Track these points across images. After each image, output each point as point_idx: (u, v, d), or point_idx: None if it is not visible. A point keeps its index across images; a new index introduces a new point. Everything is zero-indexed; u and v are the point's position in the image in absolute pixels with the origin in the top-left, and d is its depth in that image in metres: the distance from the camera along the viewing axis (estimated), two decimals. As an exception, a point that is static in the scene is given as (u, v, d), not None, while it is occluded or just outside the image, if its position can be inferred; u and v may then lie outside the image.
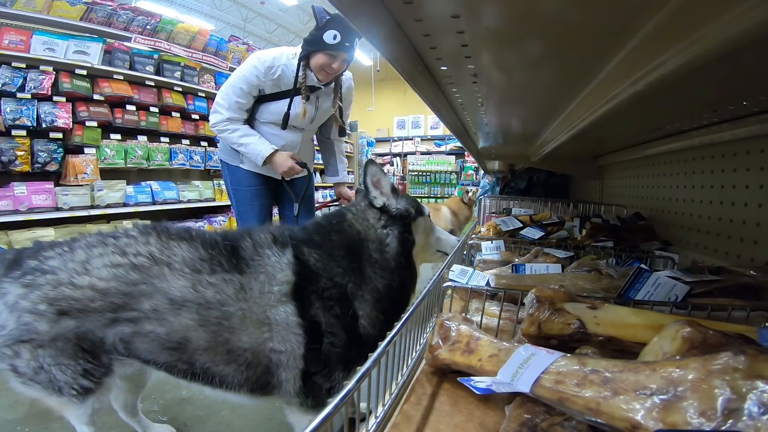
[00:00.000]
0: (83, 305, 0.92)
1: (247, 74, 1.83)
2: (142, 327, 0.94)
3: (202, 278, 0.96)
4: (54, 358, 0.93)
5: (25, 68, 3.10)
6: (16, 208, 2.96)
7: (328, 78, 1.89)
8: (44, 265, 0.94)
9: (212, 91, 4.54)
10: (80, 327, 0.93)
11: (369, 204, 1.13)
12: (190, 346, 0.96)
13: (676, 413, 0.37)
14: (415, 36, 0.67)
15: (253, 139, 1.90)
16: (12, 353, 0.92)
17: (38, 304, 0.91)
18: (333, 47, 1.76)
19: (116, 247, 0.97)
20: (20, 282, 0.92)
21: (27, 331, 0.91)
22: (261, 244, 1.03)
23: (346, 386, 0.47)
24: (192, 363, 0.97)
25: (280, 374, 0.99)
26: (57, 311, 0.92)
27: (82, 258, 0.95)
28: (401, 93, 11.82)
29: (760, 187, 1.09)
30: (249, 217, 2.08)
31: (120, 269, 0.94)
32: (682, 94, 0.90)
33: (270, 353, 0.97)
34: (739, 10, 0.44)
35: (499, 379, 0.52)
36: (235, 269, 0.98)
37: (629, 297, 0.79)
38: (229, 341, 0.96)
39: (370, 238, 1.08)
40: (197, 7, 9.75)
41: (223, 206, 4.65)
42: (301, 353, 0.97)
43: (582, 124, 1.09)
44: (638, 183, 1.97)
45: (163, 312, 0.94)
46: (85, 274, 0.93)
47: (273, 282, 0.98)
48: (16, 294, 0.91)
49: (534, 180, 3.24)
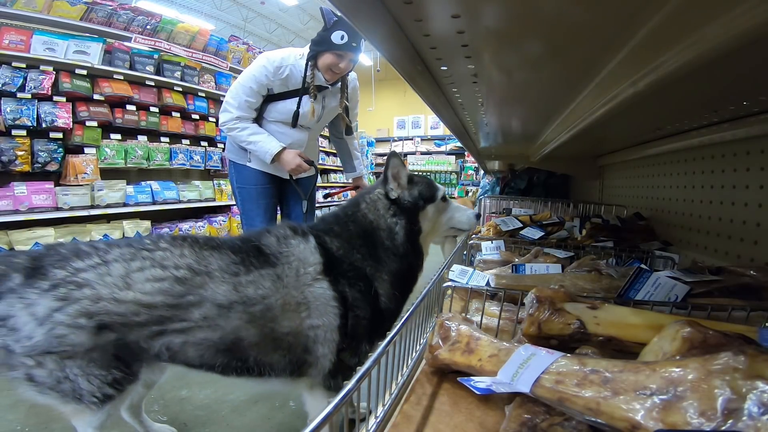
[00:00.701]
0: (127, 319, 0.93)
1: (256, 74, 1.87)
2: (193, 335, 0.98)
3: (241, 279, 1.01)
4: (84, 368, 0.93)
5: (25, 68, 3.10)
6: (16, 208, 2.96)
7: (335, 78, 1.93)
8: (77, 278, 0.92)
9: (212, 91, 4.54)
10: (121, 339, 0.94)
11: (384, 194, 1.19)
12: (242, 344, 1.01)
13: (676, 413, 0.37)
14: (415, 36, 0.67)
15: (261, 137, 1.94)
16: (34, 363, 0.90)
17: (77, 318, 0.90)
18: (341, 47, 1.80)
19: (154, 260, 0.98)
20: (53, 294, 0.90)
21: (60, 343, 0.90)
22: (285, 237, 1.11)
23: (346, 386, 0.47)
24: (245, 359, 1.03)
25: (317, 350, 1.06)
26: (97, 325, 0.91)
27: (120, 272, 0.95)
28: (401, 93, 11.83)
29: (760, 188, 1.09)
30: (254, 215, 2.10)
31: (164, 283, 0.96)
32: (682, 94, 0.90)
33: (308, 330, 1.04)
34: (739, 10, 0.44)
35: (499, 379, 0.52)
36: (267, 264, 1.05)
37: (629, 297, 0.79)
38: (274, 330, 1.02)
39: (381, 227, 1.16)
40: (197, 7, 9.75)
41: (223, 206, 4.65)
42: (337, 324, 1.05)
43: (582, 124, 1.09)
44: (638, 183, 1.97)
45: (214, 318, 0.98)
46: (127, 288, 0.94)
47: (306, 264, 1.06)
48: (49, 306, 0.89)
49: (534, 180, 3.24)
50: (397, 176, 1.18)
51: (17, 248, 2.98)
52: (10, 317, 0.89)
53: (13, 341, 0.89)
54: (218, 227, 4.50)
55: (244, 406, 1.68)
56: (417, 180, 1.23)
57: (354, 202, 1.22)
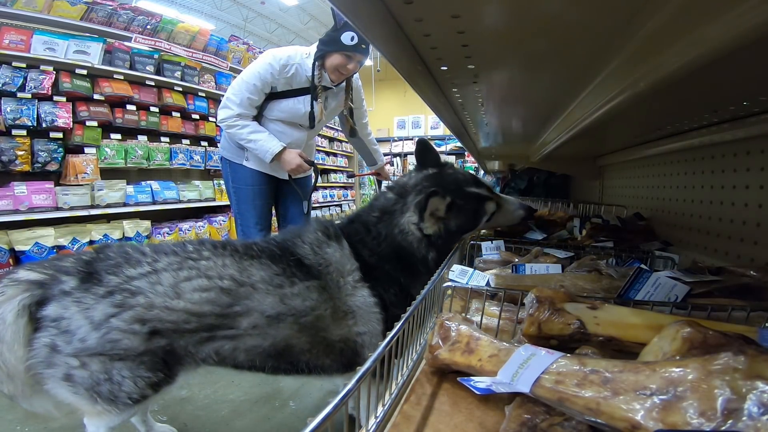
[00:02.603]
0: (178, 326, 0.97)
1: (262, 71, 1.84)
2: (243, 342, 1.01)
3: (286, 291, 1.04)
4: (131, 370, 0.96)
5: (25, 68, 3.10)
6: (17, 208, 2.96)
7: (341, 78, 1.92)
8: (131, 286, 0.95)
9: (212, 90, 4.54)
10: (171, 344, 0.97)
11: (416, 227, 1.12)
12: (293, 350, 1.04)
13: (676, 413, 0.37)
14: (416, 36, 0.67)
15: (262, 136, 1.91)
16: (78, 364, 0.93)
17: (132, 324, 0.93)
18: (350, 48, 1.79)
19: (199, 270, 1.01)
20: (109, 301, 0.93)
21: (113, 347, 0.93)
22: (319, 242, 1.12)
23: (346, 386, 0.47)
24: (296, 363, 1.06)
25: (365, 354, 1.09)
26: (150, 330, 0.95)
27: (170, 282, 0.98)
28: (401, 93, 11.82)
29: (760, 188, 1.09)
30: (249, 216, 2.08)
31: (211, 293, 0.99)
32: (682, 95, 0.90)
33: (356, 337, 1.08)
34: (739, 10, 0.44)
35: (499, 379, 0.52)
36: (310, 275, 1.07)
37: (629, 297, 0.79)
38: (325, 338, 1.05)
39: (415, 255, 1.14)
40: (197, 7, 9.75)
41: (223, 206, 4.65)
42: (380, 330, 1.08)
43: (582, 124, 1.09)
44: (638, 183, 1.97)
45: (263, 327, 1.01)
46: (177, 298, 0.97)
47: (345, 274, 1.08)
48: (105, 312, 0.92)
49: (534, 180, 3.25)
50: (435, 213, 1.10)
51: (17, 248, 2.98)
52: (63, 319, 0.92)
53: (64, 342, 0.91)
54: (218, 227, 4.50)
55: (244, 406, 1.68)
56: (461, 205, 1.12)
57: (389, 218, 1.14)
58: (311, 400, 1.74)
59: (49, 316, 0.92)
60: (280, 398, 1.73)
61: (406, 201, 1.16)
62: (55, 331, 0.92)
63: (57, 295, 0.93)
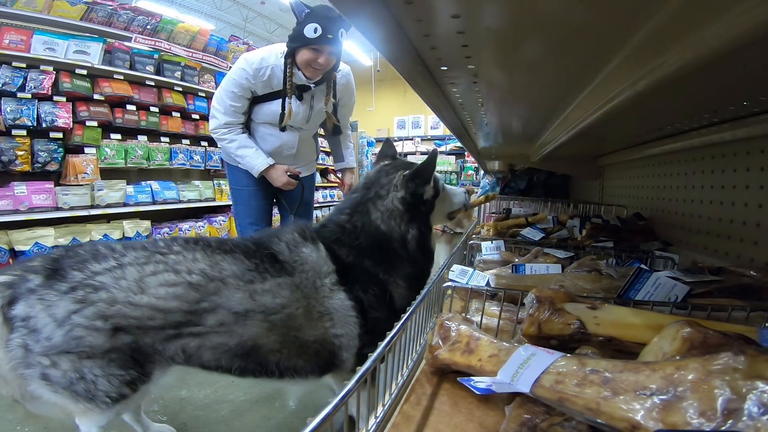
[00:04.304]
0: (142, 323, 0.94)
1: (236, 77, 1.81)
2: (208, 340, 0.98)
3: (257, 287, 1.01)
4: (102, 369, 0.94)
5: (25, 68, 3.10)
6: (16, 208, 2.96)
7: (317, 74, 1.84)
8: (94, 281, 0.94)
9: (212, 91, 4.52)
10: (136, 341, 0.95)
11: (401, 200, 1.13)
12: (262, 350, 1.01)
13: (676, 413, 0.37)
14: (415, 36, 0.67)
15: (249, 152, 1.91)
16: (50, 363, 0.92)
17: (94, 321, 0.92)
18: (315, 41, 1.70)
19: (167, 264, 0.99)
20: (71, 297, 0.92)
21: (78, 344, 0.91)
22: (295, 243, 1.10)
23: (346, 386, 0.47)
24: (265, 364, 1.03)
25: (342, 355, 1.08)
26: (113, 327, 0.93)
27: (135, 276, 0.96)
28: (401, 93, 11.81)
29: (760, 188, 1.09)
30: (245, 216, 2.08)
31: (178, 288, 0.96)
32: (682, 95, 0.90)
33: (334, 339, 1.06)
34: (739, 10, 0.44)
35: (499, 379, 0.52)
36: (283, 271, 1.05)
37: (629, 297, 0.80)
38: (298, 338, 1.03)
39: (395, 237, 1.14)
40: (197, 7, 9.75)
41: (223, 206, 4.64)
42: (357, 333, 1.07)
43: (582, 124, 1.09)
44: (638, 183, 1.97)
45: (229, 324, 0.98)
46: (141, 293, 0.95)
47: (322, 275, 1.06)
48: (67, 309, 0.91)
49: (534, 180, 3.25)
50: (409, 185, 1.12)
51: (17, 248, 2.98)
52: (30, 317, 0.90)
53: (33, 341, 0.90)
54: (218, 227, 4.50)
55: (244, 406, 1.68)
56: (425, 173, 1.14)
57: (362, 209, 1.15)
58: (311, 400, 1.74)
59: (19, 316, 0.91)
60: (280, 398, 1.73)
61: (379, 183, 1.17)
62: (26, 331, 0.91)
63: (24, 293, 0.91)
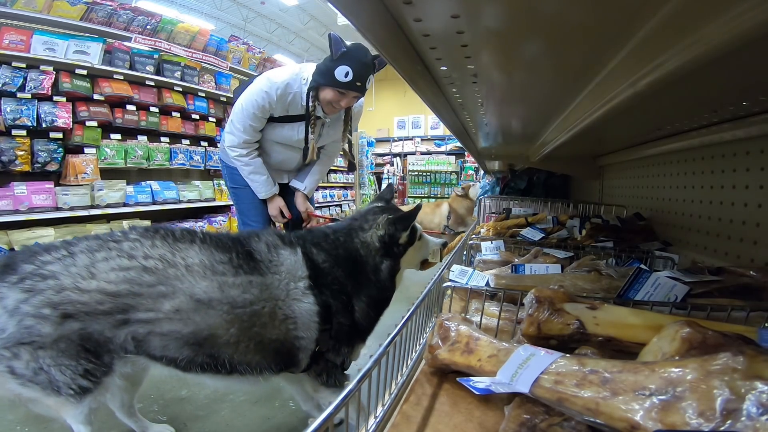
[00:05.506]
0: (90, 308, 0.95)
1: (260, 100, 1.79)
2: (159, 326, 0.98)
3: (228, 279, 1.03)
4: (55, 359, 0.94)
5: (25, 68, 3.10)
6: (16, 208, 2.96)
7: (335, 112, 1.86)
8: (43, 270, 0.95)
9: (212, 91, 4.54)
10: (85, 328, 0.95)
11: (380, 239, 1.22)
12: (217, 341, 1.02)
13: (675, 414, 0.37)
14: (415, 36, 0.67)
15: (260, 179, 1.97)
16: (11, 355, 0.93)
17: (41, 309, 0.92)
18: (344, 86, 1.70)
19: (121, 250, 1.00)
20: (20, 287, 0.93)
21: (29, 334, 0.92)
22: (275, 245, 1.14)
23: (347, 387, 0.47)
24: (217, 356, 1.03)
25: (299, 356, 1.12)
26: (61, 314, 0.93)
27: (85, 262, 0.97)
28: (401, 93, 11.81)
29: (759, 188, 1.08)
30: (250, 214, 2.09)
31: (130, 272, 0.97)
32: (682, 94, 0.90)
33: (295, 341, 1.10)
34: (739, 10, 0.44)
35: (498, 379, 0.52)
36: (257, 270, 1.07)
37: (629, 297, 0.79)
38: (260, 335, 1.05)
39: (369, 263, 1.22)
40: (197, 7, 9.75)
41: (223, 206, 4.65)
42: (315, 336, 1.11)
43: (582, 124, 1.09)
44: (638, 183, 1.97)
45: (187, 311, 0.99)
46: (91, 278, 0.95)
47: (295, 279, 1.10)
48: (16, 299, 0.92)
49: (534, 180, 3.24)
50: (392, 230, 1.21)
51: (17, 248, 2.98)
52: None
53: None
54: (218, 227, 4.50)
55: (244, 406, 1.68)
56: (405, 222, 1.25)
57: (347, 233, 1.24)
58: (311, 400, 1.74)
59: None
60: (280, 398, 1.73)
61: (365, 219, 1.27)
62: None
63: None
